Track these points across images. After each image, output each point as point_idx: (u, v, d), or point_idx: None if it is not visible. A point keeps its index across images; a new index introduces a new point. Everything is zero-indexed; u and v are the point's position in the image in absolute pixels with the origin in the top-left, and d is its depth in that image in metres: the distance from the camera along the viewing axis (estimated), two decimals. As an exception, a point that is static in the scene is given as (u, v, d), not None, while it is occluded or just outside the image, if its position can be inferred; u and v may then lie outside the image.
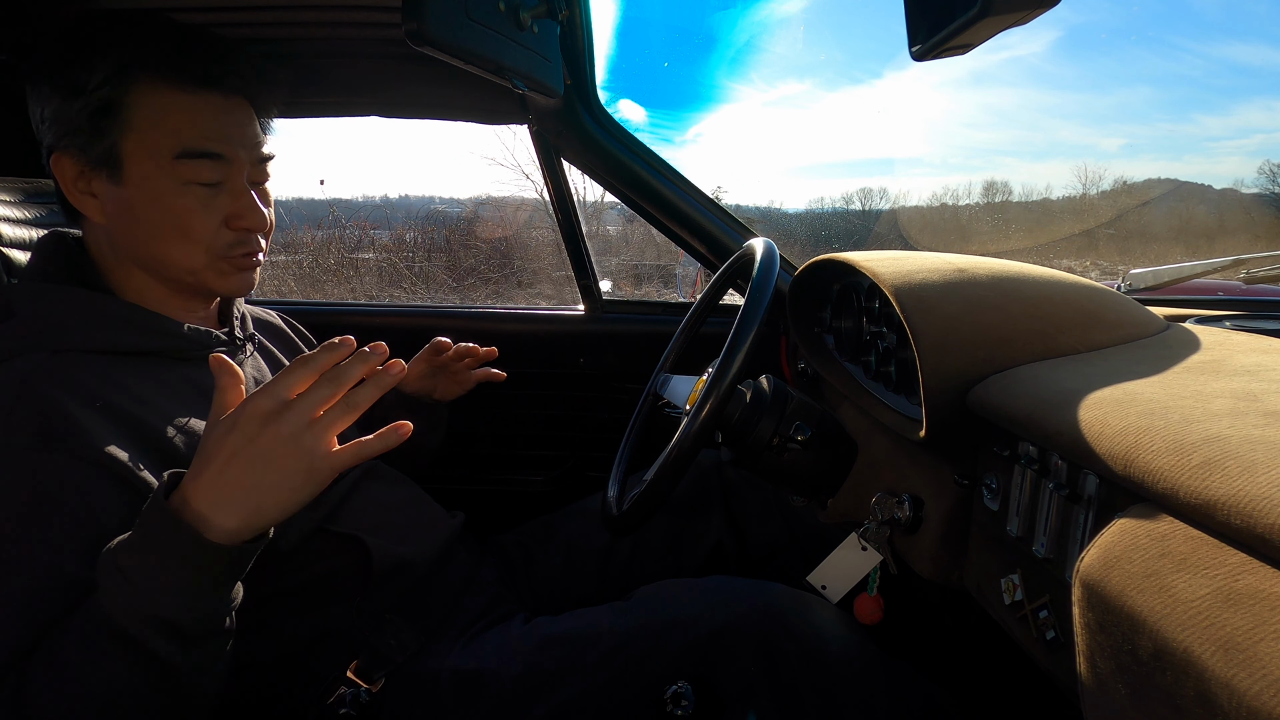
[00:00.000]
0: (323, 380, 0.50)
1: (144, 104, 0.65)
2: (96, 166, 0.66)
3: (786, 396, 0.83)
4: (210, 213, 0.69)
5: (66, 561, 0.55)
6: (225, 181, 0.69)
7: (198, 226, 0.68)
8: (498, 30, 0.69)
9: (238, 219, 0.70)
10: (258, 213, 0.71)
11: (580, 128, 1.17)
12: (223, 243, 0.70)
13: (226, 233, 0.70)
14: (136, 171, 0.66)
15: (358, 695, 0.70)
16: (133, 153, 0.66)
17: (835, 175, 42.21)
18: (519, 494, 1.40)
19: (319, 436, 0.49)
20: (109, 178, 0.66)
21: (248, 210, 0.70)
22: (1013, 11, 0.42)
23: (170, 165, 0.66)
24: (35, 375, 0.59)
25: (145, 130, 0.65)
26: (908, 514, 0.75)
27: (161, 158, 0.66)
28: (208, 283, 0.72)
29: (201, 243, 0.69)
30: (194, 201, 0.68)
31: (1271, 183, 13.67)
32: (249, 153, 0.71)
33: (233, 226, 0.70)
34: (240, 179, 0.70)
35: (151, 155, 0.66)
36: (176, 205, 0.67)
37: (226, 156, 0.68)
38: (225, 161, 0.68)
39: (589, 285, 1.39)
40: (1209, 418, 0.44)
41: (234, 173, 0.69)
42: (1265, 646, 0.31)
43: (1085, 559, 0.43)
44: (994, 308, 0.69)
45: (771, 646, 0.69)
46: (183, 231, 0.68)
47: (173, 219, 0.67)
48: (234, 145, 0.69)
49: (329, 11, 1.00)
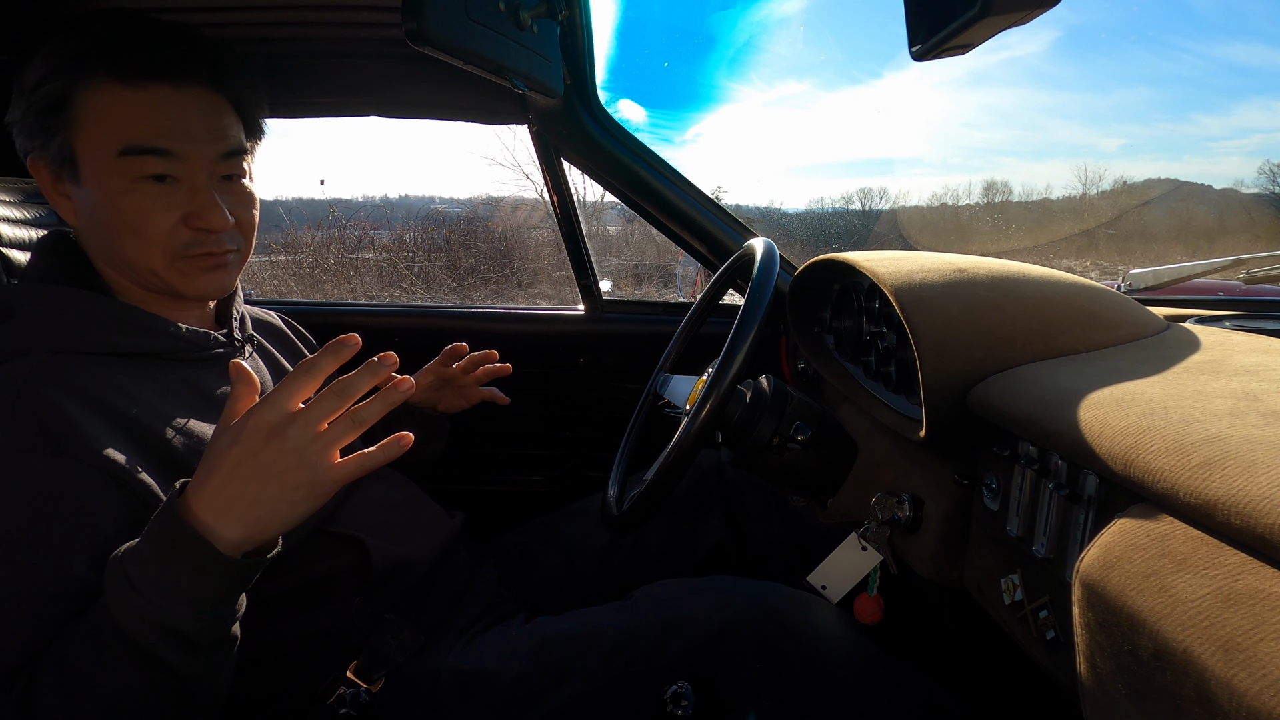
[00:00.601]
0: (330, 391, 0.49)
1: (89, 100, 0.63)
2: (58, 167, 0.65)
3: (786, 396, 0.83)
4: (164, 211, 0.65)
5: (69, 564, 0.55)
6: (181, 179, 0.66)
7: (150, 225, 0.65)
8: (498, 30, 0.69)
9: (195, 218, 0.67)
10: (215, 211, 0.67)
11: (580, 128, 1.17)
12: (179, 242, 0.67)
13: (184, 231, 0.67)
14: (89, 170, 0.64)
15: (358, 695, 0.70)
16: (83, 151, 0.64)
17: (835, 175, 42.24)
18: (519, 494, 1.40)
19: (322, 451, 0.48)
20: (70, 178, 0.65)
21: (204, 208, 0.67)
22: (1013, 11, 0.42)
23: (115, 162, 0.63)
24: (35, 377, 0.59)
25: (91, 127, 0.63)
26: (908, 514, 0.75)
27: (107, 155, 0.63)
28: (173, 284, 0.69)
29: (157, 242, 0.66)
30: (144, 199, 0.65)
31: (1271, 183, 13.68)
32: (204, 147, 0.67)
33: (190, 225, 0.67)
34: (197, 175, 0.67)
35: (99, 153, 0.63)
36: (126, 204, 0.64)
37: (175, 152, 0.65)
38: (174, 157, 0.65)
39: (589, 285, 1.39)
40: (1209, 418, 0.44)
41: (190, 169, 0.66)
42: (1265, 646, 0.31)
43: (1085, 559, 0.43)
44: (994, 308, 0.69)
45: (771, 646, 0.69)
46: (135, 231, 0.65)
47: (125, 219, 0.65)
48: (185, 140, 0.65)
49: (329, 11, 1.00)
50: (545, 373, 1.40)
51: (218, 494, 0.48)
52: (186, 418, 0.66)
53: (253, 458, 0.48)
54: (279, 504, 0.49)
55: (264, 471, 0.48)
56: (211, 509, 0.48)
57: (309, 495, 0.49)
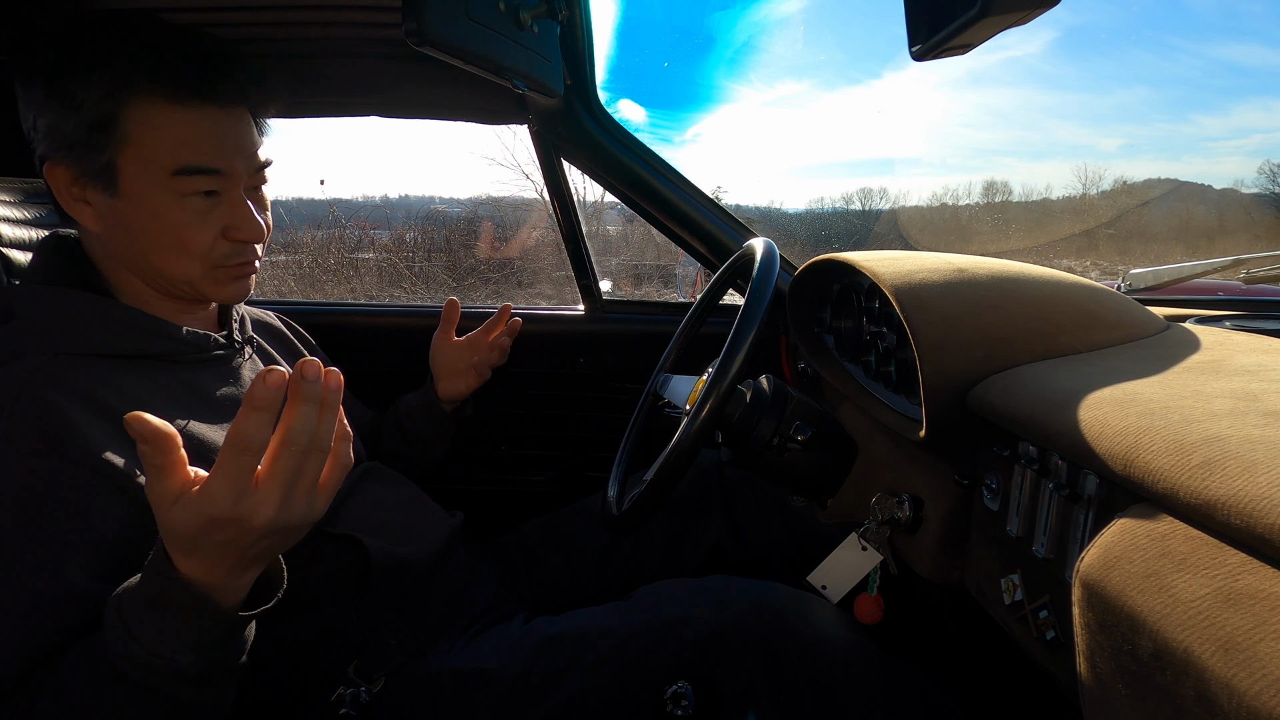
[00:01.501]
0: (279, 453, 0.44)
1: (141, 119, 0.64)
2: (91, 178, 0.65)
3: (786, 396, 0.83)
4: (207, 225, 0.68)
5: (68, 569, 0.54)
6: (222, 193, 0.68)
7: (194, 240, 0.67)
8: (498, 30, 0.69)
9: (235, 230, 0.69)
10: (255, 224, 0.70)
11: (580, 128, 1.17)
12: (219, 254, 0.69)
13: (223, 244, 0.69)
14: (133, 186, 0.65)
15: (358, 695, 0.70)
16: (128, 168, 0.64)
17: (835, 175, 42.27)
18: (519, 494, 1.40)
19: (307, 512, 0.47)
20: (104, 189, 0.65)
21: (244, 222, 0.69)
22: (1012, 11, 0.42)
23: (167, 181, 0.65)
24: (35, 379, 0.59)
25: (142, 146, 0.64)
26: (908, 514, 0.75)
27: (159, 173, 0.64)
28: (204, 292, 0.71)
29: (198, 255, 0.68)
30: (190, 215, 0.66)
31: (1271, 183, 13.69)
32: (247, 163, 0.69)
33: (230, 238, 0.69)
34: (237, 190, 0.69)
35: (148, 171, 0.64)
36: (173, 219, 0.66)
37: (224, 171, 0.67)
38: (223, 175, 0.67)
39: (589, 285, 1.39)
40: (1209, 418, 0.44)
41: (231, 184, 0.68)
42: (1265, 646, 0.31)
43: (1085, 559, 0.43)
44: (994, 308, 0.69)
45: (771, 646, 0.69)
46: (179, 245, 0.67)
47: (170, 232, 0.66)
48: (231, 158, 0.67)
49: (329, 11, 1.00)
50: (545, 373, 1.40)
51: (205, 575, 0.46)
52: (186, 419, 0.66)
53: (240, 551, 0.45)
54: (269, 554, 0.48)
55: (255, 556, 0.47)
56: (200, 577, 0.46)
57: (299, 536, 0.48)
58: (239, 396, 0.74)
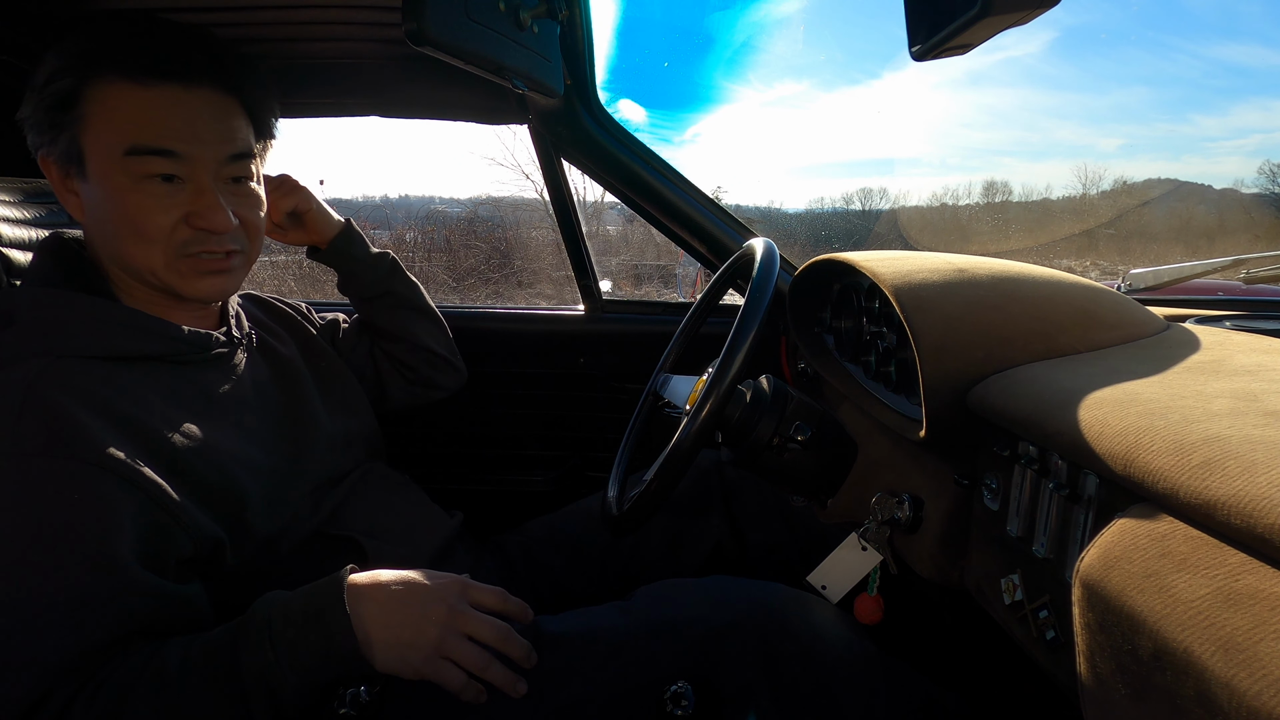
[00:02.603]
0: (497, 635, 0.65)
1: (98, 98, 0.63)
2: (66, 163, 0.65)
3: (786, 396, 0.83)
4: (166, 210, 0.66)
5: (78, 572, 0.55)
6: (186, 179, 0.66)
7: (151, 225, 0.65)
8: (497, 30, 0.69)
9: (196, 218, 0.67)
10: (218, 212, 0.67)
11: (580, 128, 1.17)
12: (179, 240, 0.67)
13: (184, 229, 0.67)
14: (95, 168, 0.64)
15: (358, 695, 0.70)
16: (90, 148, 0.64)
17: (835, 175, 42.28)
18: (519, 494, 1.40)
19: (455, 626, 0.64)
20: (77, 175, 0.65)
21: (207, 209, 0.67)
22: (1012, 11, 0.42)
23: (121, 161, 0.64)
24: (39, 381, 0.59)
25: (99, 125, 0.63)
26: (908, 514, 0.75)
27: (113, 153, 0.63)
28: (171, 284, 0.68)
29: (158, 241, 0.66)
30: (147, 199, 0.65)
31: (1271, 183, 13.69)
32: (212, 149, 0.67)
33: (191, 224, 0.67)
34: (203, 176, 0.67)
35: (105, 150, 0.64)
36: (129, 202, 0.64)
37: (181, 153, 0.65)
38: (180, 158, 0.65)
39: (589, 285, 1.39)
40: (1209, 418, 0.44)
41: (195, 170, 0.66)
42: (1265, 646, 0.31)
43: (1085, 559, 0.43)
44: (994, 308, 0.69)
45: (771, 646, 0.69)
46: (136, 229, 0.65)
47: (126, 216, 0.65)
48: (193, 141, 0.65)
49: (329, 11, 1.00)
50: (545, 373, 1.40)
51: (379, 619, 0.60)
52: (190, 419, 0.66)
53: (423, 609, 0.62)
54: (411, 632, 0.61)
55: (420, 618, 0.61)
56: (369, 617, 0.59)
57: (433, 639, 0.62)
58: (239, 395, 0.74)
